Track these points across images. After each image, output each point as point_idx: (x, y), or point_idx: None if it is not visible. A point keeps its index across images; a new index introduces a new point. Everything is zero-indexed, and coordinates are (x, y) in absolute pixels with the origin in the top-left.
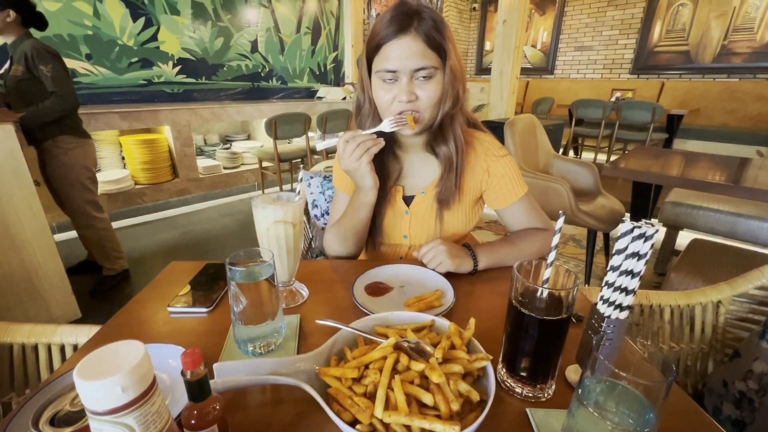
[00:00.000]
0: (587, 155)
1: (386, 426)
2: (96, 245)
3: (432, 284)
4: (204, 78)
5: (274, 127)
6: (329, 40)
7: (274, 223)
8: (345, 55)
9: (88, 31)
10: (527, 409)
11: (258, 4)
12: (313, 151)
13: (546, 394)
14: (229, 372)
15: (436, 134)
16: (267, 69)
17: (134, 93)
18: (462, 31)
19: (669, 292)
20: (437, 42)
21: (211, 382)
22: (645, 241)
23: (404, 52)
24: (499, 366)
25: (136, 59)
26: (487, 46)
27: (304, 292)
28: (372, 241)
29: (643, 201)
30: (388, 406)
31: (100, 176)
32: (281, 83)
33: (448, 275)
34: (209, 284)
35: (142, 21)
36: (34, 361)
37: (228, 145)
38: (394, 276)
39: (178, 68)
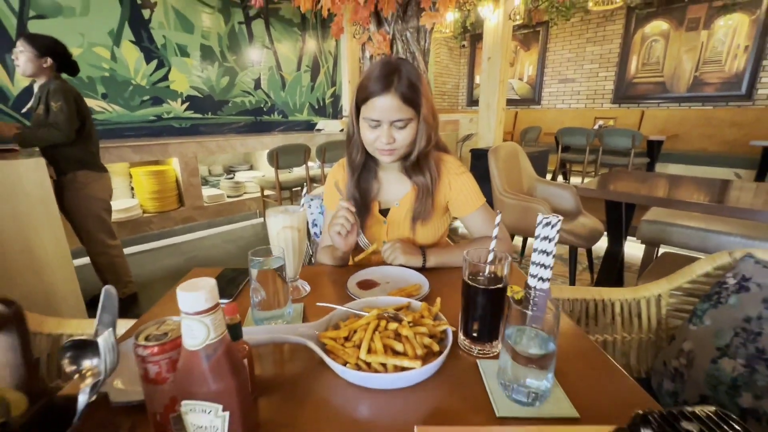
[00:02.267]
0: (575, 179)
1: (368, 365)
2: (109, 270)
3: (412, 280)
4: (210, 113)
5: (276, 158)
6: (327, 77)
7: (282, 228)
8: (342, 90)
9: (105, 73)
10: (477, 361)
11: (261, 46)
12: (313, 181)
13: (492, 351)
14: (251, 333)
15: (414, 165)
16: (269, 104)
17: (145, 128)
18: (453, 67)
19: (618, 288)
20: (412, 99)
21: (245, 334)
22: (552, 227)
23: (385, 106)
24: (460, 333)
25: (147, 97)
26: (477, 80)
27: (307, 287)
28: (357, 247)
29: (616, 218)
30: (370, 351)
31: None
32: (282, 117)
33: (428, 274)
34: (229, 282)
35: (154, 63)
36: None
37: (231, 175)
38: (381, 274)
39: (186, 104)
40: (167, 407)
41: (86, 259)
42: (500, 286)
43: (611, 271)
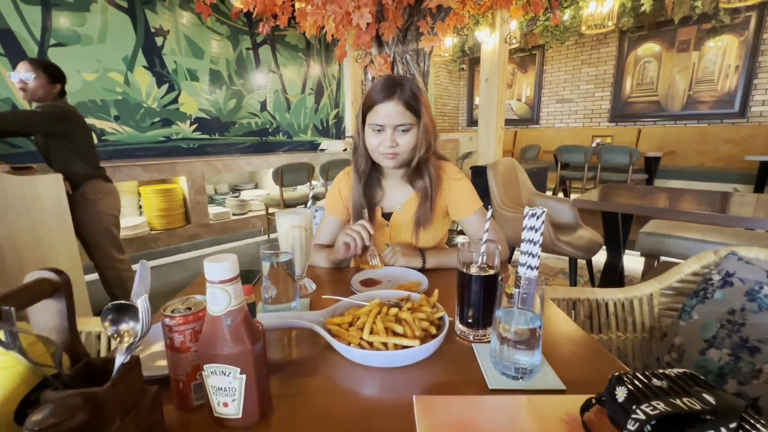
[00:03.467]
0: (575, 196)
1: (371, 344)
2: (117, 285)
3: (412, 278)
4: (217, 134)
5: (281, 176)
6: (331, 99)
7: (291, 228)
8: (345, 111)
9: (118, 96)
10: (473, 344)
11: (267, 70)
12: (316, 198)
13: (487, 336)
14: (262, 319)
15: (414, 171)
16: (274, 125)
17: (154, 148)
18: (452, 89)
19: (611, 288)
20: (413, 106)
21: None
22: (537, 218)
23: (389, 111)
24: (456, 321)
25: (158, 119)
26: (476, 101)
27: (312, 285)
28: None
29: (613, 228)
30: (372, 333)
31: None
32: (287, 137)
33: (428, 274)
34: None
35: (165, 87)
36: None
37: (237, 194)
38: (383, 274)
39: (194, 126)
40: (189, 375)
41: (95, 275)
42: (492, 273)
43: (611, 283)
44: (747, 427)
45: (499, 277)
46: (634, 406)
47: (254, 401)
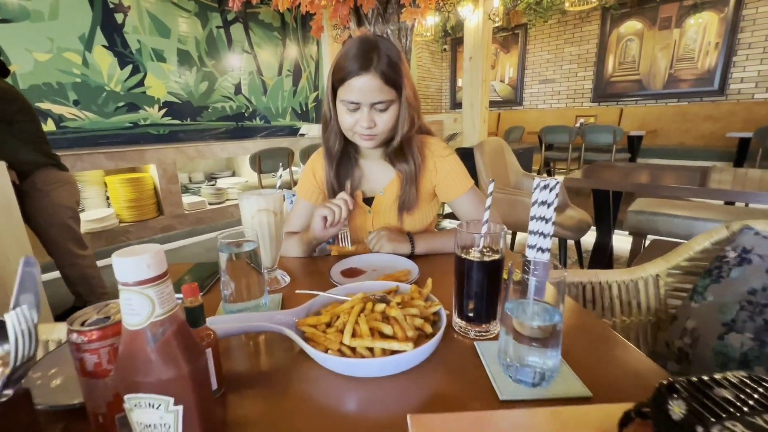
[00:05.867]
0: (561, 177)
1: (353, 350)
2: (81, 283)
3: (400, 266)
4: (189, 119)
5: (259, 162)
6: (310, 81)
7: (257, 212)
8: (325, 94)
9: (76, 78)
10: (475, 342)
11: (241, 51)
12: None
13: (491, 332)
14: (219, 322)
15: (396, 151)
16: (250, 109)
17: (120, 135)
18: (435, 70)
19: (614, 270)
20: (393, 79)
21: (208, 320)
22: (550, 191)
23: (365, 87)
24: (454, 315)
25: (122, 104)
26: (459, 83)
27: (286, 278)
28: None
29: (604, 206)
30: (355, 336)
31: (83, 215)
32: (265, 122)
33: (418, 261)
34: (200, 276)
35: (129, 68)
36: None
37: (213, 182)
38: (367, 262)
39: (163, 111)
40: (111, 406)
41: (54, 274)
42: (497, 258)
43: (601, 263)
44: None
45: (510, 263)
46: (699, 428)
47: None
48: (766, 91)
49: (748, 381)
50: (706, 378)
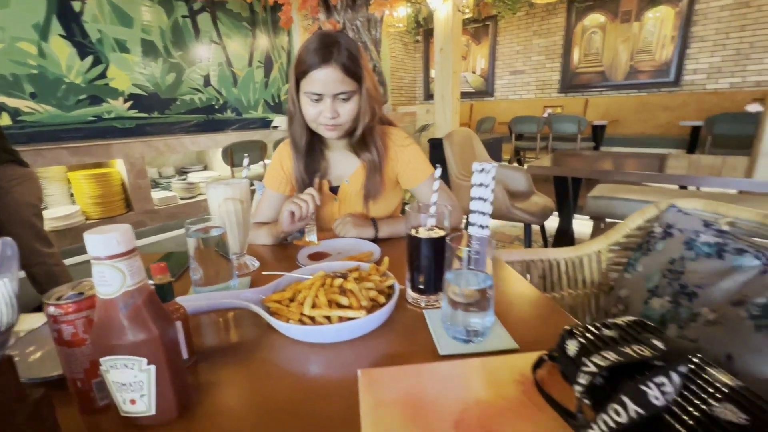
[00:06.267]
0: (525, 165)
1: (312, 319)
2: (49, 282)
3: (364, 249)
4: (157, 112)
5: (231, 155)
6: (282, 72)
7: (224, 200)
8: (289, 89)
9: (32, 70)
10: (424, 311)
11: (209, 41)
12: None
13: (439, 302)
14: (188, 301)
15: (359, 141)
16: (221, 101)
17: (83, 129)
18: (408, 62)
19: (562, 248)
20: (353, 70)
21: (178, 298)
22: (487, 173)
23: (327, 78)
24: (408, 289)
25: (84, 96)
26: (432, 74)
27: (255, 263)
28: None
29: (563, 191)
30: (314, 307)
31: (46, 213)
32: (236, 115)
33: (381, 244)
34: (172, 263)
35: (90, 59)
36: None
37: (184, 176)
38: (332, 247)
39: (129, 104)
40: (88, 372)
41: (23, 273)
42: (442, 234)
43: (564, 245)
44: (697, 371)
45: (448, 238)
46: (583, 358)
47: (170, 394)
48: (717, 82)
49: (632, 324)
50: (598, 323)
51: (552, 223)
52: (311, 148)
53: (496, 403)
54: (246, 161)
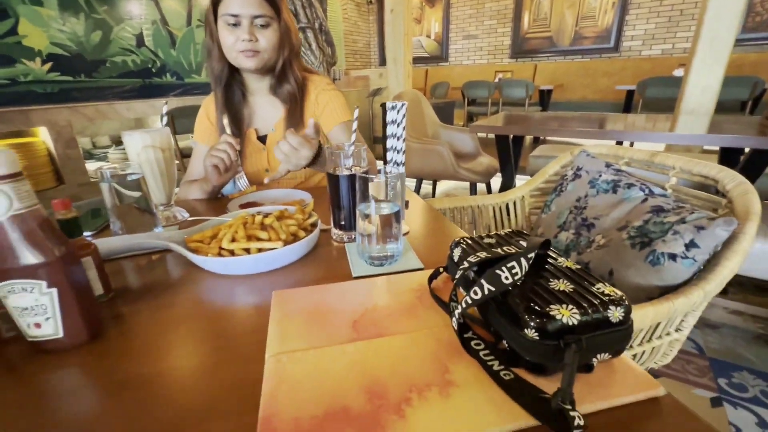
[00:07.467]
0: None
1: (231, 252)
2: None
3: (296, 197)
4: (83, 75)
5: (172, 122)
6: None
7: (143, 149)
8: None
9: None
10: (345, 244)
11: None
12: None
13: None
14: (105, 243)
15: (280, 78)
16: (158, 64)
17: None
18: (362, 24)
19: (490, 195)
20: None
21: (96, 240)
22: (398, 112)
23: (245, 0)
24: (333, 227)
25: None
26: None
27: (185, 214)
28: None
29: (505, 150)
30: (234, 241)
31: None
32: (177, 79)
33: (314, 192)
34: (95, 214)
35: None
36: None
37: (121, 146)
38: (265, 196)
39: (48, 65)
40: None
41: None
42: (360, 172)
43: None
44: (549, 259)
45: (359, 173)
46: (464, 262)
47: (77, 317)
48: (650, 48)
49: (510, 233)
50: (483, 234)
51: (497, 182)
52: (233, 93)
53: (392, 306)
54: (165, 108)
